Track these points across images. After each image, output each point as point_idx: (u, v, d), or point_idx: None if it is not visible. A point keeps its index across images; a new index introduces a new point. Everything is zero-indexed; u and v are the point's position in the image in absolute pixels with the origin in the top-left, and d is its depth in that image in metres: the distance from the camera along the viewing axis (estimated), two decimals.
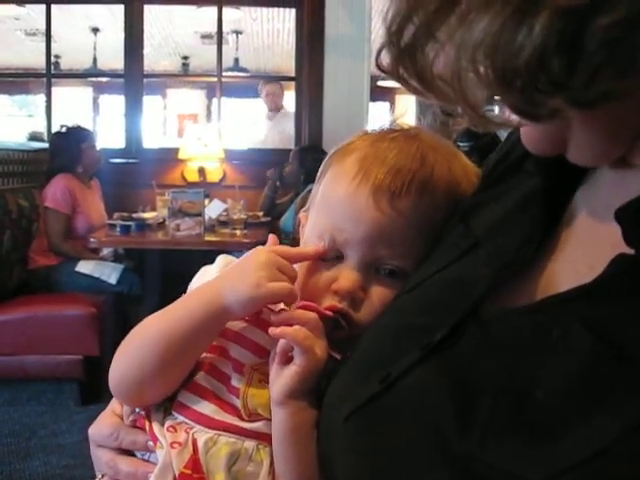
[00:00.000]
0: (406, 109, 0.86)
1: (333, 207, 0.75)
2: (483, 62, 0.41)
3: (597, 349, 0.44)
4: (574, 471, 0.41)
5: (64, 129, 4.49)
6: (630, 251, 0.45)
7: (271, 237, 0.76)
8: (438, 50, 0.44)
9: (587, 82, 0.39)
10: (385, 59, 0.48)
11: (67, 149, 4.32)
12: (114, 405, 0.82)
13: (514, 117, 0.46)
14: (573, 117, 0.45)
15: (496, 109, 0.49)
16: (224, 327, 0.73)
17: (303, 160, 4.50)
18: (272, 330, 0.68)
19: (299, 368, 0.66)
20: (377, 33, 5.44)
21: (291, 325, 0.68)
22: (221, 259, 0.81)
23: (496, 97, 0.43)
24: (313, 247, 0.74)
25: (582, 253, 0.53)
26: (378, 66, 0.50)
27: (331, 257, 0.75)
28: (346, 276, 0.73)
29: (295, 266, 0.75)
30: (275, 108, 6.05)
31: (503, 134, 0.73)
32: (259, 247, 0.74)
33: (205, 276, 0.78)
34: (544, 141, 0.51)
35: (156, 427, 0.73)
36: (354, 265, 0.73)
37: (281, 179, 4.89)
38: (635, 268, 0.45)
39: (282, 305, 0.72)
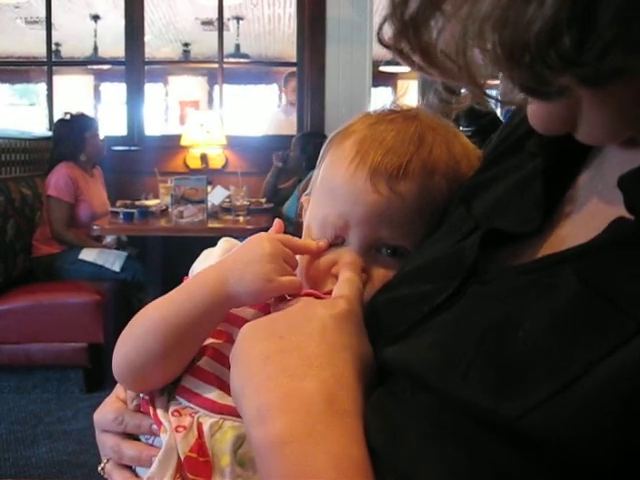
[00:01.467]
0: (406, 88, 0.86)
1: (332, 191, 0.75)
2: (491, 36, 0.40)
3: (581, 292, 0.45)
4: (545, 404, 0.42)
5: (68, 116, 4.48)
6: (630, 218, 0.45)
7: (277, 222, 0.76)
8: (444, 24, 0.43)
9: (598, 58, 0.38)
10: (387, 33, 0.47)
11: (70, 137, 4.31)
12: (118, 390, 0.82)
13: (519, 95, 0.45)
14: (583, 95, 0.44)
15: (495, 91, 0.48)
16: (230, 313, 0.73)
17: (305, 146, 4.48)
18: None
19: None
20: (379, 18, 5.40)
21: None
22: (223, 242, 0.81)
23: (502, 74, 0.42)
24: (316, 242, 0.74)
25: (583, 229, 0.52)
26: (380, 40, 0.48)
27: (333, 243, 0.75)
28: (347, 259, 0.72)
29: None
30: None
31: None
32: (262, 234, 0.74)
33: (208, 259, 0.78)
34: (552, 120, 0.49)
35: (160, 411, 0.74)
36: (355, 247, 0.73)
37: (285, 163, 4.87)
38: (634, 233, 0.45)
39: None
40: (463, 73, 0.44)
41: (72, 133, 4.32)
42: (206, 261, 0.78)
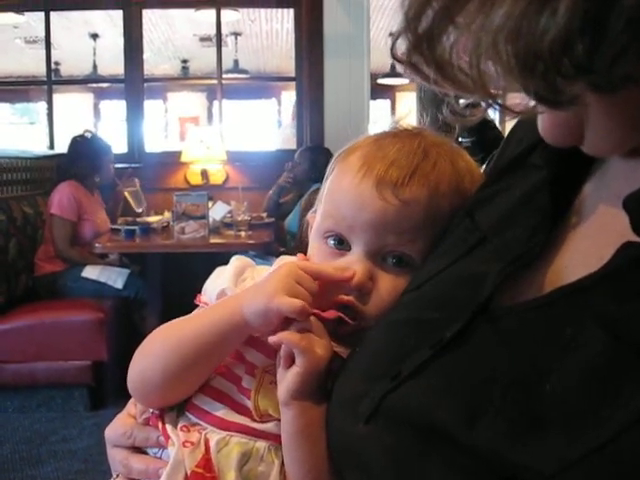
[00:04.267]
0: (409, 110, 0.87)
1: (339, 200, 0.76)
2: (504, 47, 0.40)
3: (609, 347, 0.44)
4: (582, 462, 0.41)
5: (89, 135, 4.50)
6: (637, 239, 0.45)
7: (299, 256, 0.78)
8: (457, 37, 0.43)
9: (610, 64, 0.38)
10: (400, 48, 0.47)
11: (90, 156, 4.33)
12: (129, 407, 0.83)
13: (530, 105, 0.45)
14: (592, 105, 0.45)
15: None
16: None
17: (315, 160, 4.45)
18: (271, 338, 0.68)
19: (300, 369, 0.66)
20: (376, 31, 5.42)
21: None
22: (235, 260, 0.81)
23: (516, 84, 0.42)
24: (340, 272, 0.72)
25: (591, 243, 0.53)
26: (393, 56, 0.48)
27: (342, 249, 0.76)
28: (354, 267, 0.72)
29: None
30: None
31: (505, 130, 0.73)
32: (288, 261, 0.75)
33: (220, 277, 0.79)
34: (562, 130, 0.50)
35: (169, 427, 0.75)
36: (362, 254, 0.74)
37: (294, 180, 4.82)
38: None
39: None
40: (477, 86, 0.44)
41: (92, 152, 4.35)
42: (218, 279, 0.79)
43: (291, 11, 5.56)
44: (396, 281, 0.73)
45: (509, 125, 0.76)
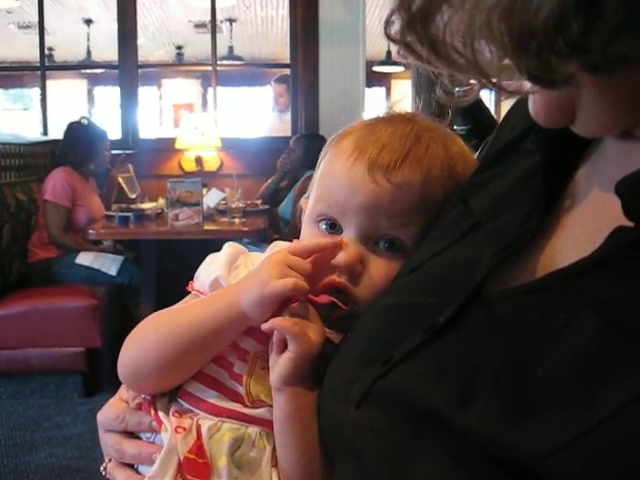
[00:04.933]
0: (403, 95, 0.86)
1: (331, 183, 0.75)
2: (498, 26, 0.40)
3: (603, 331, 0.44)
4: (575, 443, 0.41)
5: (85, 121, 4.48)
6: (629, 224, 0.45)
7: (295, 242, 0.77)
8: (451, 15, 0.43)
9: (605, 44, 0.38)
10: (394, 27, 0.47)
11: (85, 143, 4.32)
12: (122, 392, 0.83)
13: (524, 85, 0.45)
14: (585, 85, 0.44)
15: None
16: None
17: (309, 147, 4.45)
18: (264, 325, 0.68)
19: (292, 354, 0.66)
20: (371, 18, 5.40)
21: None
22: (228, 247, 0.81)
23: (509, 62, 0.42)
24: (325, 240, 0.73)
25: (584, 228, 0.53)
26: (387, 35, 0.48)
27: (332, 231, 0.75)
28: (345, 249, 0.72)
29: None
30: (280, 107, 5.90)
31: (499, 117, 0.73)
32: (280, 247, 0.75)
33: (213, 265, 0.78)
34: (554, 110, 0.49)
35: (161, 412, 0.75)
36: (352, 237, 0.73)
37: (291, 165, 4.80)
38: (634, 241, 0.45)
39: None
40: (471, 65, 0.44)
41: (88, 139, 4.34)
42: (211, 266, 0.78)
43: None
44: (388, 265, 0.73)
45: (503, 110, 0.76)
